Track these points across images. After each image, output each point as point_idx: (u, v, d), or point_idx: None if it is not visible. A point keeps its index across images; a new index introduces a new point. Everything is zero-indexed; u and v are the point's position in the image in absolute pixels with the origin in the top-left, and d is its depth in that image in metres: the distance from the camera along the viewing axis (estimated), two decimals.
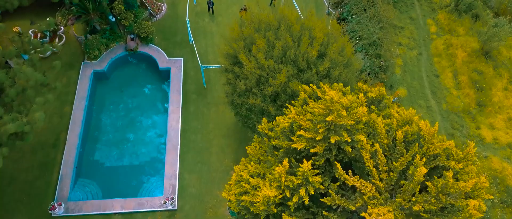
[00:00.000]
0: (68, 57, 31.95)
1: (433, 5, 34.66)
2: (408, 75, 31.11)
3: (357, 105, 15.85)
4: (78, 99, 29.49)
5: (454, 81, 30.80)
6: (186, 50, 32.31)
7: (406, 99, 29.96)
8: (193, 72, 31.19)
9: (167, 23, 33.98)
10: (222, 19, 34.24)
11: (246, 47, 23.99)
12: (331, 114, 15.42)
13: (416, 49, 32.42)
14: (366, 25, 29.47)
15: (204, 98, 30.17)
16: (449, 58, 31.85)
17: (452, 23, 33.43)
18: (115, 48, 31.86)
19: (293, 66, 22.90)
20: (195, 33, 33.27)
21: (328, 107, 15.47)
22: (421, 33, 33.35)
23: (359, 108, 15.30)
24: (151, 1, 33.57)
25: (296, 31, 23.28)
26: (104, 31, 31.82)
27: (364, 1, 30.34)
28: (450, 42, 32.50)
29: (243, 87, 23.19)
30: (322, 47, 23.14)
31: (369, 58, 28.32)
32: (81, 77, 30.50)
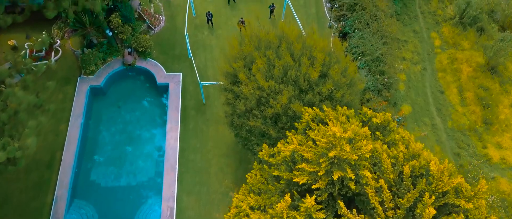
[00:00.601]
0: (64, 71, 31.23)
1: (437, 18, 33.91)
2: (412, 91, 30.36)
3: (361, 138, 15.11)
4: (74, 116, 28.78)
5: (459, 98, 30.05)
6: (185, 65, 31.58)
7: (410, 117, 29.22)
8: (192, 87, 30.47)
9: (166, 36, 33.25)
10: (221, 32, 33.51)
11: (246, 66, 23.27)
12: (334, 148, 14.71)
13: (420, 64, 31.67)
14: (369, 41, 28.73)
15: (203, 115, 29.45)
16: (454, 73, 31.10)
17: (457, 37, 32.68)
18: (112, 63, 31.14)
19: (294, 87, 22.18)
20: (194, 46, 32.56)
21: (331, 142, 14.77)
22: (425, 47, 32.61)
23: (363, 141, 14.55)
24: (149, 14, 32.86)
25: (297, 50, 22.56)
26: (101, 45, 31.11)
27: (367, 15, 29.60)
28: (454, 56, 31.75)
29: (243, 108, 22.48)
30: (324, 67, 22.42)
31: (372, 75, 27.57)
32: (77, 93, 29.79)
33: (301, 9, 34.69)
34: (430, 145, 28.15)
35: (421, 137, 28.37)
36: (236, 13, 34.53)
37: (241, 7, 34.84)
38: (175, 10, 34.67)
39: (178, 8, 34.80)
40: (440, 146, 28.16)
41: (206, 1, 35.09)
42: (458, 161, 27.53)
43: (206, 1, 35.09)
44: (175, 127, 28.46)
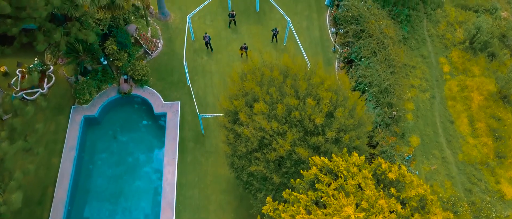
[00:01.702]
0: (57, 99, 29.92)
1: (445, 42, 32.62)
2: (421, 121, 29.05)
3: (377, 210, 13.77)
4: (67, 149, 27.47)
5: (470, 128, 28.74)
6: (183, 92, 30.28)
7: (419, 149, 27.90)
8: (191, 117, 29.17)
9: (164, 61, 31.95)
10: (221, 56, 32.22)
11: (247, 103, 21.98)
12: None
13: (429, 91, 30.37)
14: (376, 70, 27.43)
15: (202, 147, 28.14)
16: (464, 102, 29.80)
17: (467, 63, 31.39)
18: (107, 91, 29.83)
19: (299, 128, 20.88)
20: (193, 72, 31.26)
21: None
22: (433, 73, 31.31)
23: (379, 217, 13.22)
24: (146, 38, 31.56)
25: (302, 89, 21.26)
26: (96, 72, 29.80)
27: (373, 43, 28.29)
28: (464, 83, 30.46)
29: (244, 150, 21.18)
30: (331, 107, 21.12)
31: (380, 107, 26.26)
32: (70, 123, 28.49)
33: (304, 32, 33.42)
34: (440, 180, 26.85)
35: (431, 171, 27.08)
36: (237, 36, 33.24)
37: (242, 30, 33.55)
38: (173, 33, 33.38)
39: (176, 31, 33.51)
40: (451, 181, 26.85)
41: (206, 23, 33.80)
42: (469, 197, 26.23)
43: (206, 23, 33.80)
44: (173, 160, 27.14)
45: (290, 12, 34.18)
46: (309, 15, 34.40)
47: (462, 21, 33.10)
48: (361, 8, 29.78)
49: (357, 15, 29.61)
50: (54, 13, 24.39)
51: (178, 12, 34.44)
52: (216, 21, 33.96)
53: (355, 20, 29.92)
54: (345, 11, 30.51)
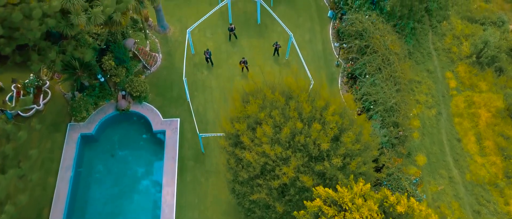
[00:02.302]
0: (53, 116, 29.14)
1: (451, 56, 31.82)
2: (427, 138, 28.26)
3: None
4: (63, 169, 26.69)
5: (478, 147, 27.95)
6: (183, 108, 29.47)
7: (425, 169, 27.11)
8: (190, 134, 28.37)
9: (163, 75, 31.15)
10: (222, 71, 31.40)
11: (249, 126, 21.19)
12: None
13: (435, 108, 29.58)
14: (382, 88, 26.64)
15: (202, 166, 27.36)
16: (472, 119, 29.01)
17: (474, 77, 30.60)
18: (105, 107, 29.04)
19: (303, 153, 20.11)
20: (193, 87, 30.45)
21: None
22: (439, 88, 30.52)
23: None
24: (144, 52, 30.75)
25: (306, 112, 20.47)
26: (93, 88, 29.00)
27: (378, 59, 27.49)
28: (472, 99, 29.66)
29: (246, 176, 20.42)
30: (337, 130, 20.32)
31: (386, 127, 25.46)
32: (67, 141, 27.70)
33: (307, 46, 32.63)
34: (447, 201, 26.07)
35: (438, 192, 26.29)
36: (237, 50, 32.44)
37: (243, 43, 32.76)
38: (172, 46, 32.59)
39: (176, 44, 32.72)
40: (458, 202, 26.07)
41: (206, 36, 33.01)
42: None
43: (206, 36, 33.01)
44: (172, 180, 26.34)
45: (292, 25, 33.42)
46: (312, 27, 33.62)
47: (469, 35, 32.32)
48: (366, 22, 28.99)
49: (362, 30, 28.82)
50: (49, 29, 23.58)
51: (178, 24, 33.65)
52: (216, 34, 33.17)
53: (359, 35, 29.13)
54: (349, 26, 29.71)
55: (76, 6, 21.07)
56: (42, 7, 19.40)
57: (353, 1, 30.44)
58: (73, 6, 20.91)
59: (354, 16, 29.65)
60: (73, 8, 20.98)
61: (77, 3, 20.96)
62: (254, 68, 31.23)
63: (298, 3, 34.93)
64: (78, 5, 21.15)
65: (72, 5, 20.83)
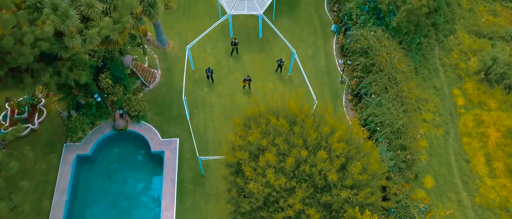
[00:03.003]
0: (49, 135, 28.25)
1: (459, 72, 30.90)
2: (435, 160, 27.33)
3: None
4: (59, 192, 25.79)
5: (487, 168, 27.03)
6: (183, 128, 28.55)
7: (433, 192, 26.19)
8: (190, 155, 27.45)
9: (162, 92, 30.24)
10: (223, 88, 30.49)
11: (252, 153, 20.31)
12: None
13: (443, 127, 28.66)
14: (388, 108, 25.72)
15: (202, 189, 26.44)
16: (480, 139, 28.09)
17: (482, 95, 29.68)
18: (102, 127, 28.14)
19: (308, 183, 19.23)
20: (193, 105, 29.54)
21: None
22: (447, 106, 29.59)
23: None
24: (143, 69, 29.84)
25: (311, 139, 19.59)
26: (90, 107, 28.08)
27: (385, 78, 26.56)
28: (480, 118, 28.74)
29: (248, 207, 19.53)
30: (343, 158, 19.44)
31: (393, 150, 24.54)
32: (62, 163, 26.79)
33: (310, 61, 31.73)
34: None
35: (446, 217, 25.37)
36: (239, 65, 31.53)
37: (245, 58, 31.85)
38: (172, 62, 31.69)
39: (175, 59, 31.82)
40: None
41: (206, 52, 32.12)
42: None
43: (206, 52, 32.12)
44: (171, 204, 25.43)
45: (295, 39, 32.53)
46: (315, 42, 32.72)
47: (476, 50, 31.43)
48: (371, 39, 28.09)
49: (367, 47, 27.91)
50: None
51: (177, 39, 32.76)
52: (216, 49, 32.28)
53: (364, 52, 28.22)
54: (354, 42, 28.80)
55: (71, 28, 20.21)
56: (34, 32, 18.52)
57: (358, 16, 29.55)
58: (68, 28, 20.05)
59: (359, 32, 28.75)
60: (67, 30, 20.12)
61: (72, 25, 20.09)
62: (256, 84, 30.32)
63: (301, 16, 34.05)
64: (73, 27, 20.29)
65: (66, 27, 19.96)
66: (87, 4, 20.86)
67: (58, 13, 19.70)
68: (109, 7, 22.54)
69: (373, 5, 29.41)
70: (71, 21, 19.91)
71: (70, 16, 19.95)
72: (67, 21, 19.84)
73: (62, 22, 19.75)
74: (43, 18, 19.19)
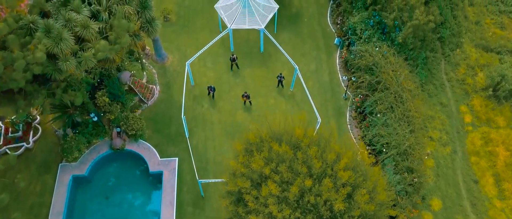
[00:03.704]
0: (44, 155, 27.40)
1: (466, 87, 30.08)
2: (442, 180, 26.50)
3: None
4: (54, 214, 25.00)
5: (496, 189, 26.21)
6: (182, 147, 27.70)
7: (440, 214, 25.36)
8: (189, 176, 26.60)
9: (160, 109, 29.40)
10: (223, 104, 29.65)
11: (254, 181, 19.46)
12: None
13: (450, 145, 27.83)
14: (394, 129, 24.87)
15: (201, 212, 25.59)
16: (489, 158, 27.26)
17: (490, 112, 28.85)
18: (98, 146, 27.30)
19: (313, 214, 18.38)
20: (193, 122, 28.70)
21: None
22: (454, 123, 28.76)
23: None
24: (141, 85, 28.99)
25: (316, 167, 18.74)
26: (86, 125, 27.25)
27: (391, 97, 25.71)
28: (488, 136, 27.91)
29: None
30: (349, 187, 18.59)
31: (400, 173, 23.69)
32: (57, 184, 25.96)
33: (313, 76, 30.88)
34: None
35: None
36: (240, 81, 30.69)
37: (245, 73, 31.01)
38: (171, 77, 30.84)
39: (174, 74, 30.98)
40: None
41: (206, 67, 31.27)
42: None
43: (206, 67, 31.27)
44: None
45: (297, 53, 31.73)
46: (318, 56, 31.89)
47: (484, 65, 30.61)
48: (376, 55, 27.25)
49: (372, 64, 27.07)
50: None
51: (177, 53, 31.92)
52: (217, 63, 31.44)
53: (369, 69, 27.37)
54: (359, 59, 27.95)
55: (65, 51, 19.38)
56: (26, 57, 17.70)
57: (362, 31, 28.70)
58: (61, 51, 19.22)
59: (363, 48, 27.91)
60: (61, 53, 19.29)
61: (66, 48, 19.26)
62: (257, 100, 29.53)
63: (303, 29, 33.22)
64: (67, 50, 19.46)
65: (60, 50, 19.14)
66: (82, 25, 20.06)
67: (51, 36, 18.86)
68: (105, 27, 21.77)
69: (378, 19, 28.58)
70: (65, 44, 19.08)
71: (64, 38, 19.12)
72: (61, 44, 19.01)
73: (55, 45, 18.93)
74: (35, 42, 18.32)
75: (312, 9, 34.32)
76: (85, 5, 21.37)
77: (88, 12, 21.15)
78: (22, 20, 19.75)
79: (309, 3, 34.70)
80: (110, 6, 22.05)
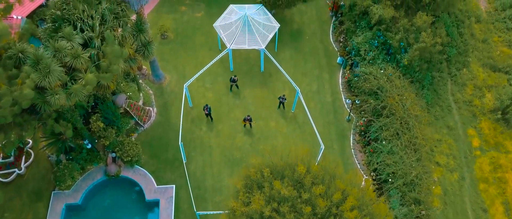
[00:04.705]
0: (36, 182, 26.41)
1: (473, 109, 29.09)
2: (450, 209, 25.49)
3: None
4: None
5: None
6: (179, 173, 26.69)
7: None
8: (187, 205, 25.56)
9: (157, 133, 28.40)
10: (222, 127, 28.63)
11: None
12: None
13: (457, 171, 26.84)
14: (401, 157, 23.88)
15: None
16: (498, 185, 26.27)
17: (499, 136, 27.87)
18: (93, 172, 26.31)
19: None
20: (190, 146, 27.70)
21: None
22: (461, 147, 27.77)
23: None
24: (137, 108, 28.01)
25: (321, 207, 17.74)
26: (80, 150, 26.23)
27: (396, 123, 24.71)
28: (497, 162, 26.92)
29: None
30: None
31: (406, 205, 22.69)
32: (50, 213, 24.99)
33: (315, 97, 29.89)
34: None
35: None
36: (240, 102, 29.68)
37: (245, 94, 30.01)
38: (168, 98, 29.85)
39: (172, 95, 29.99)
40: None
41: (205, 87, 30.28)
42: None
43: (205, 87, 30.28)
44: None
45: (299, 72, 30.76)
46: (320, 75, 30.89)
47: (492, 85, 29.64)
48: (381, 78, 26.26)
49: (377, 88, 26.06)
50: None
51: (174, 72, 30.94)
52: (216, 83, 30.44)
53: (374, 93, 26.37)
54: (363, 82, 26.95)
55: (53, 84, 18.37)
56: (12, 93, 16.69)
57: (366, 52, 27.72)
58: (49, 84, 18.21)
59: (367, 70, 26.92)
60: (49, 86, 18.29)
61: (54, 81, 18.25)
62: (258, 122, 28.52)
63: (305, 47, 32.26)
64: (56, 82, 18.46)
65: (48, 83, 18.13)
66: (72, 55, 19.05)
67: (40, 68, 17.86)
68: (98, 53, 20.79)
69: (382, 40, 27.62)
70: (53, 76, 18.07)
71: (53, 70, 18.12)
72: (49, 77, 18.01)
73: (44, 77, 17.92)
74: (22, 76, 17.34)
75: (314, 26, 33.36)
76: (77, 31, 20.38)
77: (80, 39, 20.16)
78: (10, 49, 18.79)
79: (311, 19, 33.76)
80: (103, 31, 21.05)
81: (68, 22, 20.54)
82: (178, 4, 34.23)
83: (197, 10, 34.02)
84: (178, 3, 34.32)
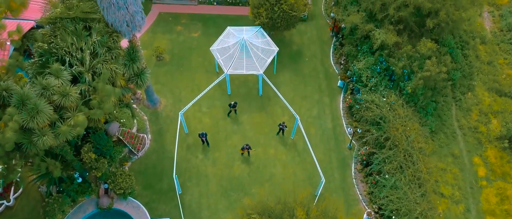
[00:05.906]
0: (26, 214, 25.46)
1: (479, 136, 28.11)
2: None
3: None
4: None
5: None
6: (174, 204, 25.72)
7: None
8: None
9: (151, 161, 27.42)
10: (219, 155, 27.66)
11: None
12: None
13: (463, 203, 25.87)
14: (405, 192, 22.90)
15: None
16: (506, 218, 25.27)
17: (506, 165, 26.91)
18: (84, 204, 25.36)
19: None
20: (185, 175, 26.74)
21: None
22: (466, 177, 26.80)
23: None
24: (131, 136, 27.01)
25: None
26: (72, 181, 25.23)
27: (400, 156, 23.73)
28: (505, 193, 25.96)
29: None
30: None
31: None
32: None
33: (315, 123, 28.93)
34: None
35: None
36: (237, 128, 28.71)
37: (243, 119, 29.04)
38: (164, 124, 28.88)
39: (167, 120, 29.01)
40: None
41: (202, 111, 29.31)
42: None
43: (202, 111, 29.31)
44: None
45: (298, 96, 29.82)
46: (320, 99, 29.93)
47: (498, 111, 28.66)
48: (383, 107, 25.28)
49: (379, 118, 25.09)
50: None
51: (170, 96, 29.96)
52: (213, 108, 29.47)
53: (376, 123, 25.40)
54: (364, 110, 25.98)
55: (41, 124, 17.40)
56: None
57: (368, 78, 26.75)
58: (37, 124, 17.25)
59: (369, 98, 25.95)
60: (37, 126, 17.32)
61: (42, 122, 17.28)
62: (256, 150, 27.51)
63: (305, 70, 31.30)
64: (45, 123, 17.48)
65: (36, 124, 17.17)
66: (61, 93, 18.08)
67: (26, 109, 16.90)
68: (88, 89, 19.83)
69: (385, 66, 26.65)
70: (41, 117, 17.11)
71: (41, 111, 17.15)
72: (37, 118, 17.05)
73: (31, 119, 16.96)
74: (5, 118, 16.38)
75: (314, 47, 32.41)
76: (66, 67, 19.41)
77: (69, 75, 19.19)
78: None
79: (311, 40, 32.82)
80: (94, 66, 20.08)
81: (55, 56, 19.56)
82: (174, 24, 33.25)
83: (193, 30, 33.04)
84: (174, 22, 33.34)
